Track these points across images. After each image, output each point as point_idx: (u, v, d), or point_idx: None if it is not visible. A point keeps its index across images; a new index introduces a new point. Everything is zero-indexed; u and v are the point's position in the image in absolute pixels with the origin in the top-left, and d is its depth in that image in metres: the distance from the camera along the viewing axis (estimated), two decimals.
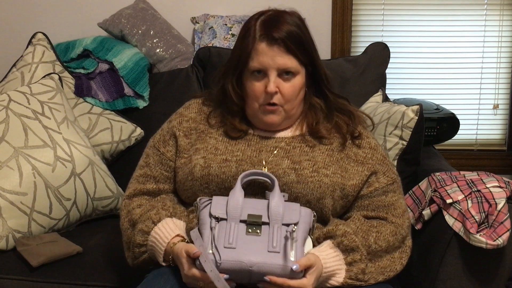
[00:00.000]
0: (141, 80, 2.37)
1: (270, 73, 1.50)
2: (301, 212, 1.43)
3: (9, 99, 2.01)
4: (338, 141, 1.58)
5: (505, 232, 1.55)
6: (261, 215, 1.40)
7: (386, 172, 1.58)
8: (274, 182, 1.45)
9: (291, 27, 1.50)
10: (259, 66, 1.50)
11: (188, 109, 1.67)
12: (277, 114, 1.54)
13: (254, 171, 1.48)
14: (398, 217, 1.55)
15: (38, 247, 1.80)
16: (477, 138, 2.81)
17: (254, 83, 1.52)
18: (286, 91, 1.52)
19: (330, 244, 1.46)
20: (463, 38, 2.72)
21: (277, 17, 1.52)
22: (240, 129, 1.58)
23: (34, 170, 1.91)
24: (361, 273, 1.45)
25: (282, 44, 1.49)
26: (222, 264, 1.33)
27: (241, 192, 1.44)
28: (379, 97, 2.26)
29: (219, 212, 1.40)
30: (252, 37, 1.50)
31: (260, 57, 1.50)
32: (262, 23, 1.51)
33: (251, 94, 1.54)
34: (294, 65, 1.51)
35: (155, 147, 1.65)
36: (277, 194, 1.43)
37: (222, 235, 1.37)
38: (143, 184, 1.63)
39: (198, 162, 1.53)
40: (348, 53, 2.68)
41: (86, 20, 2.60)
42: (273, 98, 1.52)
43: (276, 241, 1.36)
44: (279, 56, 1.49)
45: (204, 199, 1.46)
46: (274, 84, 1.50)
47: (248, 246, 1.35)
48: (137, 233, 1.53)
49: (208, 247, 1.35)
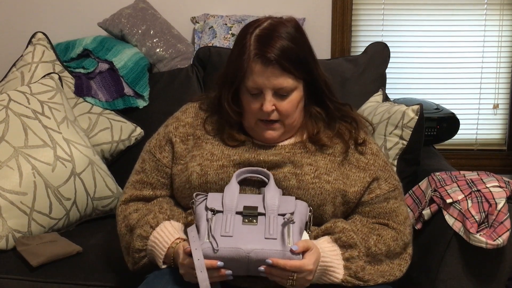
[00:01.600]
0: (141, 79, 2.37)
1: (265, 93, 1.48)
2: (297, 204, 1.43)
3: (9, 98, 2.01)
4: (340, 147, 1.57)
5: (505, 232, 1.55)
6: (257, 206, 1.40)
7: (388, 179, 1.57)
8: (269, 177, 1.46)
9: (285, 42, 1.47)
10: (254, 86, 1.48)
11: (185, 113, 1.65)
12: (276, 130, 1.54)
13: (249, 168, 1.49)
14: (400, 224, 1.54)
15: (38, 247, 1.80)
16: (477, 138, 2.81)
17: (250, 100, 1.51)
18: (284, 108, 1.50)
19: (328, 239, 1.46)
20: (463, 38, 2.72)
21: (271, 32, 1.48)
22: (238, 139, 1.57)
23: (34, 169, 1.91)
24: (360, 271, 1.45)
25: (276, 64, 1.46)
26: (219, 251, 1.32)
27: (237, 187, 1.45)
28: (379, 97, 2.26)
29: (215, 205, 1.41)
30: (247, 56, 1.47)
31: (255, 77, 1.47)
32: (257, 39, 1.48)
33: (247, 110, 1.53)
34: (290, 84, 1.49)
35: (151, 152, 1.63)
36: (272, 187, 1.44)
37: (219, 226, 1.37)
38: (139, 190, 1.61)
39: (194, 170, 1.52)
40: (348, 53, 2.68)
41: (86, 20, 2.60)
42: (270, 116, 1.50)
43: (272, 229, 1.36)
44: (274, 77, 1.47)
45: (200, 195, 1.46)
46: (270, 103, 1.48)
47: (245, 235, 1.35)
48: (136, 239, 1.52)
49: (205, 237, 1.35)
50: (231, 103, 1.55)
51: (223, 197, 1.42)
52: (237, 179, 1.47)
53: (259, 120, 1.53)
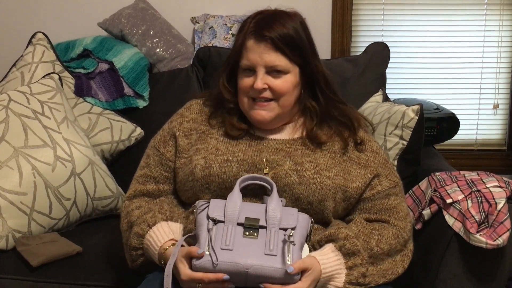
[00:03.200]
0: (141, 80, 2.37)
1: (258, 70, 1.50)
2: (299, 217, 1.42)
3: (9, 99, 2.01)
4: (339, 144, 1.58)
5: (505, 232, 1.55)
6: (259, 219, 1.39)
7: (389, 175, 1.58)
8: (273, 187, 1.45)
9: (284, 29, 1.49)
10: (247, 63, 1.51)
11: (189, 109, 1.67)
12: (268, 110, 1.54)
13: (253, 175, 1.48)
14: (400, 220, 1.55)
15: (38, 247, 1.80)
16: (477, 138, 2.81)
17: (243, 78, 1.53)
18: (278, 87, 1.51)
19: (332, 247, 1.46)
20: (463, 38, 2.71)
21: (273, 17, 1.52)
22: (239, 128, 1.57)
23: (34, 170, 1.91)
24: (361, 277, 1.45)
25: (269, 41, 1.48)
26: (218, 265, 1.32)
27: (239, 196, 1.44)
28: (379, 97, 2.26)
29: (217, 215, 1.39)
30: (243, 33, 1.52)
31: (248, 54, 1.50)
32: (256, 21, 1.52)
33: (240, 89, 1.55)
34: (283, 63, 1.50)
35: (155, 147, 1.65)
36: (275, 198, 1.43)
37: (219, 237, 1.36)
38: (143, 184, 1.63)
39: (198, 163, 1.53)
40: (348, 53, 2.68)
41: (86, 20, 2.60)
42: (262, 93, 1.51)
43: (273, 244, 1.36)
44: (266, 53, 1.49)
45: (202, 202, 1.44)
46: (261, 81, 1.50)
47: (245, 249, 1.35)
48: (133, 236, 1.53)
49: (205, 248, 1.35)
50: (226, 83, 1.57)
51: (225, 206, 1.41)
52: (240, 185, 1.46)
53: (251, 99, 1.54)
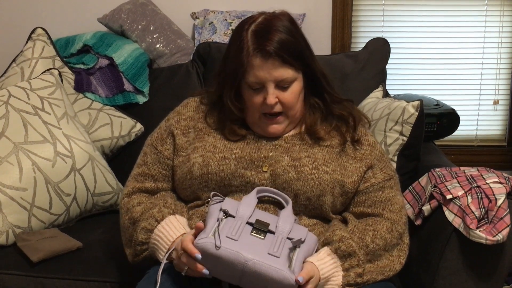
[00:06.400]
0: (141, 75, 2.37)
1: (268, 86, 1.49)
2: (308, 235, 1.42)
3: (9, 94, 2.01)
4: (337, 140, 1.58)
5: (505, 228, 1.55)
6: (269, 224, 1.39)
7: (383, 168, 1.59)
8: (288, 203, 1.46)
9: (283, 35, 1.48)
10: (256, 80, 1.49)
11: (186, 107, 1.66)
12: (280, 123, 1.55)
13: (271, 189, 1.48)
14: (395, 213, 1.55)
15: (38, 243, 1.80)
16: (477, 133, 2.81)
17: (253, 95, 1.52)
18: (286, 100, 1.52)
19: (328, 251, 1.46)
20: (464, 34, 2.71)
21: (267, 27, 1.50)
22: (239, 134, 1.58)
23: (34, 165, 1.91)
24: (358, 277, 1.45)
25: (276, 57, 1.47)
26: (220, 250, 1.31)
27: (255, 200, 1.44)
28: (379, 93, 2.26)
29: (230, 209, 1.40)
30: (246, 51, 1.48)
31: (256, 71, 1.48)
32: (254, 34, 1.49)
33: (250, 106, 1.54)
34: (291, 75, 1.50)
35: (152, 145, 1.64)
36: (288, 213, 1.44)
37: (227, 227, 1.36)
38: (141, 183, 1.62)
39: (196, 161, 1.53)
40: (349, 48, 2.68)
41: (86, 15, 2.60)
42: (274, 108, 1.52)
43: (277, 248, 1.35)
44: (275, 69, 1.48)
45: (217, 196, 1.45)
46: (273, 96, 1.50)
47: (249, 244, 1.34)
48: (140, 231, 1.52)
49: (210, 233, 1.34)
50: (234, 100, 1.55)
51: (239, 205, 1.42)
52: (258, 194, 1.46)
53: (262, 114, 1.54)
